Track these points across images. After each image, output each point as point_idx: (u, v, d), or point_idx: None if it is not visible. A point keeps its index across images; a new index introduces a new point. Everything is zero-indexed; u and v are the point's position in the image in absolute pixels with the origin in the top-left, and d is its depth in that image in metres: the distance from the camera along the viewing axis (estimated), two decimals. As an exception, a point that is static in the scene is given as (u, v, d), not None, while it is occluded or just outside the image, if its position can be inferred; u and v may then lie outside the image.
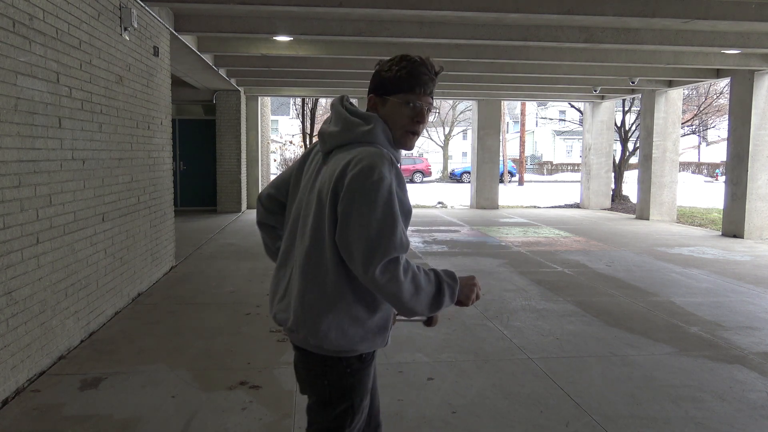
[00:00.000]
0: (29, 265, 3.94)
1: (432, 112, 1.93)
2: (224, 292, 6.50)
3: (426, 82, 1.86)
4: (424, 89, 1.86)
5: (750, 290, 6.82)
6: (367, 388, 1.94)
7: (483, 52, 9.50)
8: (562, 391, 3.87)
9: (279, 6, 6.67)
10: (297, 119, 23.57)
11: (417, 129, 1.88)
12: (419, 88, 1.85)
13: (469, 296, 1.90)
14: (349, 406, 1.90)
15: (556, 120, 41.48)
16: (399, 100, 1.85)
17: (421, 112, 1.86)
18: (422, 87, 1.86)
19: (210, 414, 3.50)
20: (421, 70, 1.86)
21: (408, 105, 1.85)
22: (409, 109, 1.85)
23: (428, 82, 1.87)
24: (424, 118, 1.87)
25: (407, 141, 1.89)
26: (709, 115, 26.44)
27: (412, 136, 1.89)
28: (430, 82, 1.87)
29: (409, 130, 1.88)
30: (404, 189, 1.78)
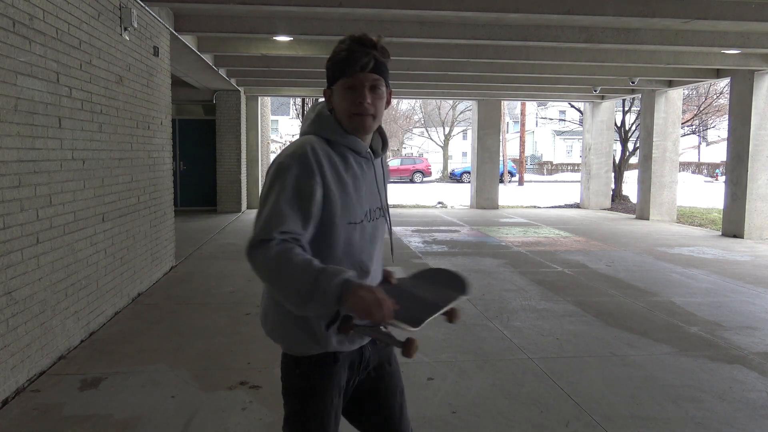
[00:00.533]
0: (29, 265, 3.94)
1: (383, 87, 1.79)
2: (224, 292, 6.50)
3: (357, 59, 1.72)
4: (358, 67, 1.73)
5: (750, 290, 6.82)
6: (325, 398, 1.80)
7: (483, 52, 9.50)
8: (562, 391, 3.87)
9: (279, 6, 6.67)
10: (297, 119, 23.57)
11: (359, 110, 1.76)
12: (351, 68, 1.73)
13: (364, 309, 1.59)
14: (300, 410, 1.81)
15: (556, 120, 41.49)
16: (339, 87, 1.77)
17: (361, 93, 1.74)
18: (354, 65, 1.73)
19: (210, 414, 3.50)
20: (351, 49, 1.74)
21: (347, 89, 1.76)
22: (348, 92, 1.76)
23: (360, 57, 1.73)
24: (364, 97, 1.74)
25: (356, 124, 1.78)
26: (709, 115, 26.44)
27: (357, 117, 1.76)
28: (364, 57, 1.73)
29: (353, 113, 1.76)
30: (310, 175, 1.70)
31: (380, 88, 1.78)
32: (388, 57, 1.80)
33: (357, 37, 1.76)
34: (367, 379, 1.97)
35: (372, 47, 1.74)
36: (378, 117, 1.81)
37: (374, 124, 1.81)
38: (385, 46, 1.79)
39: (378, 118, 1.81)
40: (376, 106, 1.78)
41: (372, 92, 1.76)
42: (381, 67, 1.76)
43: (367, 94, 1.75)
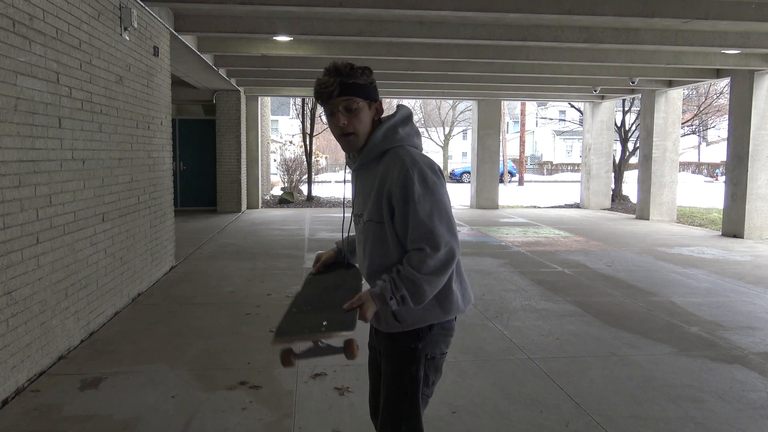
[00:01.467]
0: (29, 265, 3.94)
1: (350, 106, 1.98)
2: (224, 292, 6.50)
3: (323, 89, 1.97)
4: (325, 96, 1.98)
5: (750, 290, 6.82)
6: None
7: (483, 52, 9.50)
8: (562, 391, 3.87)
9: (279, 6, 6.67)
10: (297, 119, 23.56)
11: (339, 131, 2.01)
12: (321, 97, 2.00)
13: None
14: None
15: (556, 120, 41.47)
16: (326, 115, 2.04)
17: (335, 116, 1.99)
18: (322, 96, 1.99)
19: (210, 414, 3.50)
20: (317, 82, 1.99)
21: (328, 116, 2.02)
22: (330, 118, 2.02)
23: (326, 87, 1.97)
24: (338, 119, 1.99)
25: (342, 144, 2.06)
26: (709, 115, 26.43)
27: (342, 138, 2.03)
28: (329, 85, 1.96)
29: (337, 135, 2.04)
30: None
31: (353, 107, 1.98)
32: (360, 75, 1.97)
33: (326, 67, 1.99)
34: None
35: (337, 74, 1.96)
36: (360, 132, 2.01)
37: (358, 140, 2.02)
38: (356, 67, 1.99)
39: (360, 132, 2.01)
40: (354, 124, 1.99)
41: (347, 112, 1.98)
42: (350, 88, 1.96)
43: (341, 117, 1.98)
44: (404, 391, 2.07)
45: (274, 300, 6.12)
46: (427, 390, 2.13)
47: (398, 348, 2.09)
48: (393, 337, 2.09)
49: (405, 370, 2.08)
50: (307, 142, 19.42)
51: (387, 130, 2.03)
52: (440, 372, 2.18)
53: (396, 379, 2.09)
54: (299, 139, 21.89)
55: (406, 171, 1.93)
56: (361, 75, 1.99)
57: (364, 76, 2.00)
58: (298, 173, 20.27)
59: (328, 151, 38.06)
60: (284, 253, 8.91)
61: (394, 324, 2.06)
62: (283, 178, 20.56)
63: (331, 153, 38.76)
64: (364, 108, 1.99)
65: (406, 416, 2.08)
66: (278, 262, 8.16)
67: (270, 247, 9.47)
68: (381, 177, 1.99)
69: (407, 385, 2.07)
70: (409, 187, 1.92)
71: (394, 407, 2.08)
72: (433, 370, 2.13)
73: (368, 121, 2.02)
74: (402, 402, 2.07)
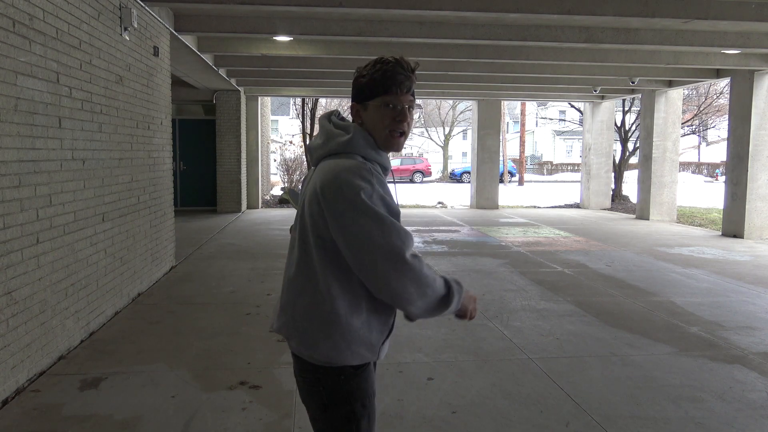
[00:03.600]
0: (29, 265, 3.94)
1: (415, 109, 1.93)
2: (224, 292, 6.50)
3: (402, 81, 1.84)
4: (400, 88, 1.84)
5: (750, 290, 6.82)
6: (367, 392, 1.89)
7: (483, 52, 9.50)
8: (562, 391, 3.87)
9: (279, 6, 6.67)
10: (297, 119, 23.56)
11: (400, 128, 1.86)
12: (395, 87, 1.84)
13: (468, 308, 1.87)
14: (350, 411, 1.85)
15: (556, 120, 41.49)
16: (378, 104, 1.85)
17: (402, 112, 1.85)
18: (398, 86, 1.84)
19: (210, 414, 3.50)
20: (395, 70, 1.85)
21: (388, 107, 1.84)
22: (389, 110, 1.84)
23: (404, 80, 1.85)
24: (405, 116, 1.86)
25: (393, 142, 1.88)
26: (709, 115, 26.43)
27: (398, 136, 1.87)
28: (407, 80, 1.85)
29: (393, 130, 1.86)
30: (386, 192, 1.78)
31: (413, 110, 1.90)
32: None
33: (395, 58, 1.87)
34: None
35: (411, 72, 1.87)
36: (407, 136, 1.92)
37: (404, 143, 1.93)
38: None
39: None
40: (409, 126, 1.90)
41: (408, 113, 1.87)
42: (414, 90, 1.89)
43: (407, 114, 1.87)
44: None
45: (274, 300, 6.12)
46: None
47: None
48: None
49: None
50: (307, 142, 19.42)
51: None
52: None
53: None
54: (299, 139, 21.88)
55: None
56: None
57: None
58: (298, 173, 20.27)
59: (328, 151, 38.01)
60: (284, 253, 8.85)
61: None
62: (283, 178, 20.56)
63: (331, 153, 38.71)
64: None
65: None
66: (278, 262, 8.16)
67: (270, 247, 9.47)
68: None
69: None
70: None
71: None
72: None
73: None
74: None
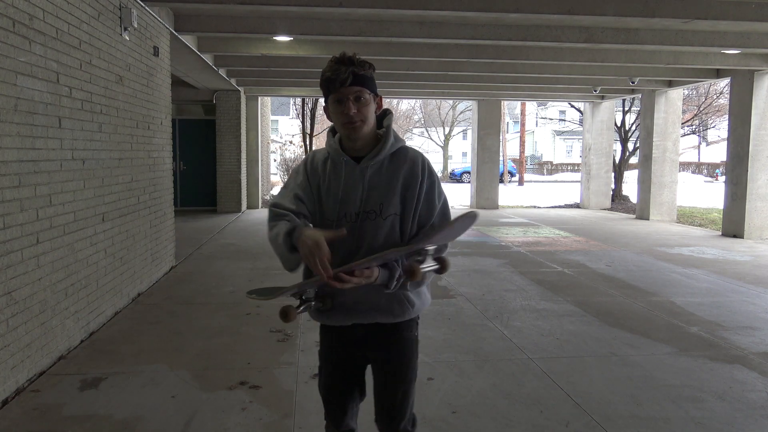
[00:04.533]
0: (29, 265, 3.94)
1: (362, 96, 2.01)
2: (224, 292, 6.50)
3: (336, 78, 1.99)
4: (338, 83, 1.99)
5: (750, 290, 6.82)
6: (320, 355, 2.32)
7: (483, 52, 9.50)
8: (562, 391, 3.87)
9: (279, 6, 6.67)
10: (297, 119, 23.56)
11: (347, 119, 2.02)
12: (332, 85, 2.00)
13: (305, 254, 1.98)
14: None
15: (556, 120, 41.47)
16: (330, 102, 2.05)
17: (346, 104, 2.00)
18: (335, 82, 1.99)
19: (210, 414, 3.50)
20: (332, 68, 2.01)
21: (335, 103, 2.03)
22: (338, 105, 2.03)
23: (338, 76, 1.98)
24: (349, 107, 2.00)
25: (349, 133, 2.06)
26: (709, 115, 26.43)
27: (348, 126, 2.04)
28: (342, 74, 1.98)
29: (344, 122, 2.04)
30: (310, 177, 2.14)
31: (364, 97, 2.02)
32: (368, 69, 2.04)
33: (337, 57, 2.02)
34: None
35: (350, 64, 2.00)
36: (367, 121, 2.05)
37: (365, 128, 2.05)
38: (363, 60, 2.04)
39: (368, 122, 2.05)
40: (363, 113, 2.03)
41: (357, 102, 2.01)
42: (361, 79, 2.01)
43: (351, 105, 2.01)
44: (413, 378, 2.24)
45: (275, 300, 6.11)
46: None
47: (403, 338, 2.20)
48: (400, 328, 2.17)
49: (413, 358, 2.22)
50: (307, 142, 19.42)
51: (393, 132, 2.14)
52: None
53: (408, 368, 2.22)
54: (299, 139, 21.88)
55: (429, 166, 2.13)
56: (369, 68, 2.05)
57: (371, 70, 2.07)
58: (298, 173, 20.26)
59: (328, 151, 38.02)
60: (284, 253, 8.89)
61: (406, 310, 2.14)
62: (283, 178, 20.56)
63: (331, 153, 38.73)
64: (370, 101, 2.05)
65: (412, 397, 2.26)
66: (278, 262, 8.13)
67: (270, 247, 9.44)
68: (409, 170, 2.10)
69: (414, 371, 2.24)
70: (433, 180, 2.10)
71: (409, 395, 2.24)
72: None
73: (373, 114, 2.08)
74: (413, 386, 2.24)
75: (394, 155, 2.11)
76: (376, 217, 2.07)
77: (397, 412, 2.22)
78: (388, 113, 2.19)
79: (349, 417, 2.30)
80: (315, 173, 2.14)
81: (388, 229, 2.07)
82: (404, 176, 2.08)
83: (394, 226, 2.08)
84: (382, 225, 2.07)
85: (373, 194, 2.08)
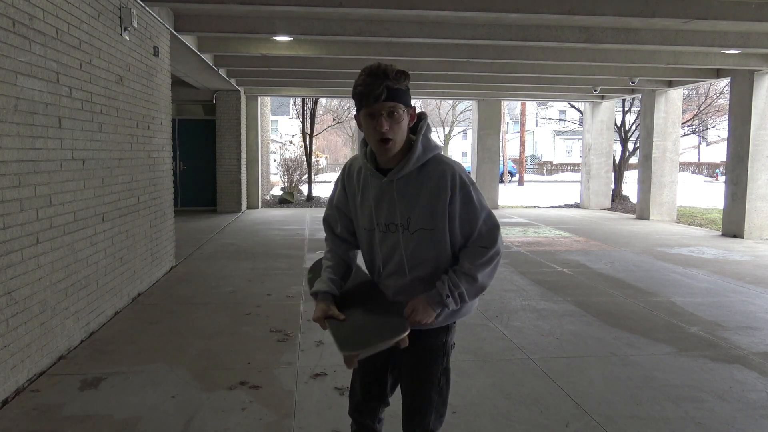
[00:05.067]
0: (29, 265, 3.94)
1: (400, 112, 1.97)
2: (224, 292, 6.50)
3: (369, 93, 1.93)
4: (372, 99, 1.93)
5: (750, 290, 6.82)
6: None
7: (483, 52, 9.50)
8: (562, 391, 3.87)
9: (279, 6, 6.67)
10: (297, 119, 23.55)
11: (381, 136, 1.97)
12: (366, 100, 1.95)
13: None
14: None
15: (556, 120, 41.46)
16: (363, 115, 2.00)
17: (378, 121, 1.95)
18: (369, 97, 1.94)
19: (210, 414, 3.50)
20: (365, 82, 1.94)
21: (368, 117, 1.97)
22: (371, 120, 1.97)
23: (372, 91, 1.92)
24: (382, 124, 1.94)
25: (380, 149, 2.02)
26: (709, 115, 26.42)
27: (380, 143, 1.99)
28: (377, 89, 1.92)
29: (377, 139, 1.99)
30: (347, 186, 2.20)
31: (397, 112, 1.96)
32: (404, 80, 1.96)
33: (371, 68, 1.95)
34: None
35: (384, 78, 1.92)
36: (398, 139, 1.99)
37: (395, 146, 2.00)
38: (400, 71, 1.96)
39: (398, 140, 2.00)
40: (394, 131, 1.97)
41: (390, 118, 1.95)
42: (395, 93, 1.94)
43: (384, 122, 1.95)
44: (435, 383, 2.21)
45: (274, 300, 6.12)
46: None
47: (430, 343, 2.21)
48: (423, 334, 2.17)
49: (438, 362, 2.21)
50: (307, 142, 19.41)
51: (424, 140, 2.07)
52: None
53: (431, 372, 2.21)
54: (299, 139, 21.87)
55: (461, 177, 2.05)
56: (404, 80, 1.97)
57: (407, 82, 1.99)
58: (298, 173, 20.27)
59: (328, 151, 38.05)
60: (284, 253, 8.91)
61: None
62: (283, 178, 20.55)
63: (331, 153, 38.77)
64: (404, 116, 1.99)
65: (437, 405, 2.22)
66: (278, 262, 8.16)
67: (270, 247, 9.47)
68: (435, 185, 2.03)
69: (441, 376, 2.22)
70: (467, 192, 2.04)
71: (427, 400, 2.21)
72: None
73: (405, 129, 2.02)
74: (433, 394, 2.21)
75: (423, 167, 2.05)
76: (404, 231, 2.07)
77: (415, 409, 2.22)
78: (423, 118, 2.11)
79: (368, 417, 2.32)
80: (351, 183, 2.18)
81: (419, 245, 2.07)
82: (431, 191, 2.03)
83: (427, 242, 2.06)
84: (410, 239, 2.07)
85: (400, 207, 2.07)
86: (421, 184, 2.04)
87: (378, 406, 2.32)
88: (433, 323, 2.13)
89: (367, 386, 2.31)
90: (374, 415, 2.32)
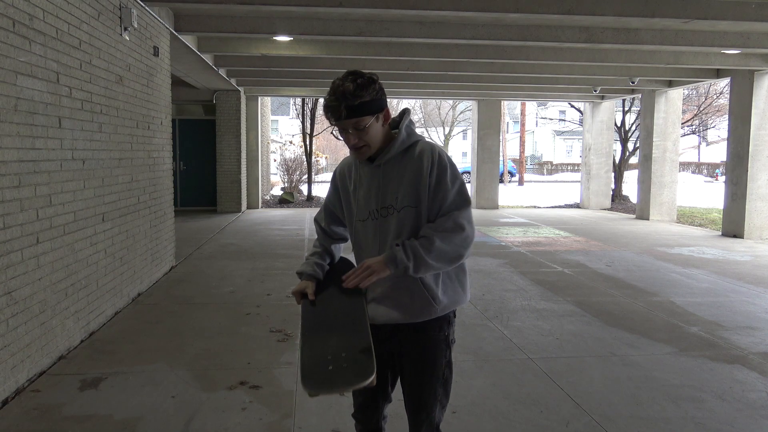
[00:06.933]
0: (29, 265, 3.94)
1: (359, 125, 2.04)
2: (224, 292, 6.50)
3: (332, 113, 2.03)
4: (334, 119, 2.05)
5: (750, 290, 6.82)
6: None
7: (483, 52, 9.50)
8: (562, 391, 3.87)
9: (279, 6, 6.67)
10: (297, 119, 23.55)
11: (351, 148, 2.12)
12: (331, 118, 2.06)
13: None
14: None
15: (556, 120, 41.45)
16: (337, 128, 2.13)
17: (345, 136, 2.08)
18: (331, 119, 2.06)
19: (210, 414, 3.50)
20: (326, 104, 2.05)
21: (340, 131, 2.11)
22: (342, 133, 2.11)
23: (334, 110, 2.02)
24: (349, 139, 2.08)
25: (357, 155, 2.16)
26: (709, 115, 26.42)
27: (354, 151, 2.14)
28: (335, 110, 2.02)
29: (350, 149, 2.14)
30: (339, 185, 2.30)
31: (362, 124, 2.04)
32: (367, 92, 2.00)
33: (334, 85, 2.03)
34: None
35: (343, 99, 1.99)
36: (372, 143, 2.10)
37: (370, 150, 2.12)
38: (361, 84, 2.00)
39: (372, 143, 2.10)
40: (364, 139, 2.08)
41: (357, 130, 2.05)
42: (357, 109, 2.01)
43: (350, 137, 2.07)
44: (440, 376, 2.24)
45: (274, 300, 6.12)
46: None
47: (434, 336, 2.23)
48: (424, 327, 2.20)
49: (438, 358, 2.23)
50: (307, 142, 19.41)
51: (407, 129, 2.18)
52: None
53: (436, 366, 2.23)
54: (299, 139, 21.86)
55: (440, 155, 2.13)
56: (367, 91, 2.01)
57: (371, 91, 2.02)
58: (298, 173, 20.26)
59: (328, 151, 38.04)
60: (284, 253, 8.91)
61: (431, 310, 2.16)
62: (283, 178, 20.55)
63: (331, 153, 38.76)
64: (372, 123, 2.06)
65: (441, 398, 2.26)
66: (278, 262, 8.16)
67: (270, 247, 9.47)
68: (417, 164, 2.12)
69: (443, 370, 2.25)
70: (443, 166, 2.11)
71: (433, 393, 2.23)
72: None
73: (379, 131, 2.11)
74: (438, 387, 2.24)
75: (407, 151, 2.15)
76: (394, 212, 2.14)
77: (419, 404, 2.24)
78: (405, 114, 2.21)
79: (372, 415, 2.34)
80: (344, 181, 2.28)
81: (405, 222, 2.12)
82: (414, 167, 2.12)
83: (411, 220, 2.12)
84: (397, 217, 2.13)
85: (388, 189, 2.15)
86: (406, 164, 2.14)
87: (382, 403, 2.35)
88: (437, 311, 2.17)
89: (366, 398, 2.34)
90: (379, 412, 2.35)
